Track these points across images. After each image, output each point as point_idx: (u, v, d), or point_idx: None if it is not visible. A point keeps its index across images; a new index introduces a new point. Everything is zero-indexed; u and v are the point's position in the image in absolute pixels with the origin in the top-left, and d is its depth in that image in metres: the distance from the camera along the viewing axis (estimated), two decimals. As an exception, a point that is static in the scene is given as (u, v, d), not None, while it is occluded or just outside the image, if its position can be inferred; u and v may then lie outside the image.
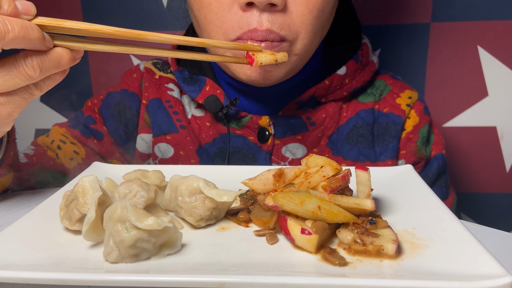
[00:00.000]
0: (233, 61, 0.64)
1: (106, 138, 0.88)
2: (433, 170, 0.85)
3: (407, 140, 0.85)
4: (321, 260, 0.46)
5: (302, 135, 0.83)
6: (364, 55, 0.85)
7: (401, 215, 0.56)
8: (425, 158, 0.86)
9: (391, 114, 0.85)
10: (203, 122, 0.86)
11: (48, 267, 0.44)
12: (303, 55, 0.74)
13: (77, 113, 0.91)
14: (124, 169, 0.66)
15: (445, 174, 0.88)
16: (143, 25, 1.14)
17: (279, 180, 0.54)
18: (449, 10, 1.08)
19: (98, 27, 0.52)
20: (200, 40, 0.61)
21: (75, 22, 0.52)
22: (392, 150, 0.85)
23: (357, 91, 0.86)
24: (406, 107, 0.86)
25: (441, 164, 0.86)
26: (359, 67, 0.84)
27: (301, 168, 0.56)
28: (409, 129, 0.85)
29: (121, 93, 0.90)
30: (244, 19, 0.68)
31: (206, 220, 0.54)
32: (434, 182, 0.86)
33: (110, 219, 0.46)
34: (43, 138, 0.87)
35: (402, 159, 0.85)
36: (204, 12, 0.71)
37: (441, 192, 0.86)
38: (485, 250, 0.44)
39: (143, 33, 0.54)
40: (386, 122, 0.85)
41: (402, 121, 0.85)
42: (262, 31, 0.67)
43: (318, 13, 0.70)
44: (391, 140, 0.85)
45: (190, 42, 0.59)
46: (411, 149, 0.85)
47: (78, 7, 1.14)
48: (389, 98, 0.87)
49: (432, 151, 0.87)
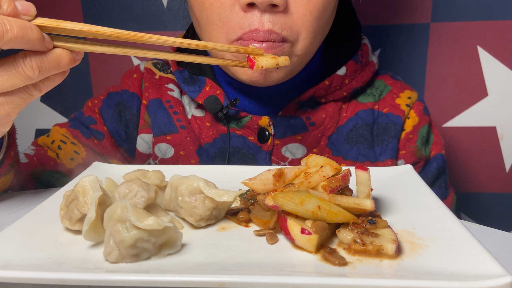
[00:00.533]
0: (234, 65, 0.64)
1: (107, 138, 0.88)
2: (432, 170, 0.85)
3: (407, 140, 0.85)
4: (321, 260, 0.46)
5: (302, 135, 0.83)
6: (364, 56, 0.85)
7: (401, 215, 0.56)
8: (424, 158, 0.86)
9: (390, 114, 0.86)
10: (203, 122, 0.86)
11: (48, 267, 0.44)
12: (304, 56, 0.74)
13: (78, 113, 0.91)
14: (124, 169, 0.66)
15: (444, 174, 0.88)
16: (143, 25, 1.14)
17: (279, 180, 0.54)
18: (449, 10, 1.08)
19: (98, 28, 0.52)
20: (200, 43, 0.61)
21: (75, 23, 0.51)
22: (391, 150, 0.85)
23: (357, 91, 0.86)
24: (406, 107, 0.86)
25: (441, 164, 0.86)
26: (359, 67, 0.84)
27: (301, 168, 0.56)
28: (409, 129, 0.86)
29: (121, 93, 0.90)
30: (245, 20, 0.68)
31: (206, 220, 0.54)
32: (434, 182, 0.86)
33: (110, 219, 0.46)
34: (43, 138, 0.87)
35: (401, 159, 0.85)
36: (205, 12, 0.71)
37: (440, 192, 0.86)
38: (485, 250, 0.44)
39: (143, 35, 0.54)
40: (386, 122, 0.85)
41: (401, 121, 0.85)
42: (264, 32, 0.67)
43: (318, 14, 0.70)
44: (391, 140, 0.85)
45: (191, 44, 0.59)
46: (410, 149, 0.85)
47: (78, 7, 1.14)
48: (388, 98, 0.87)
49: (431, 151, 0.87)
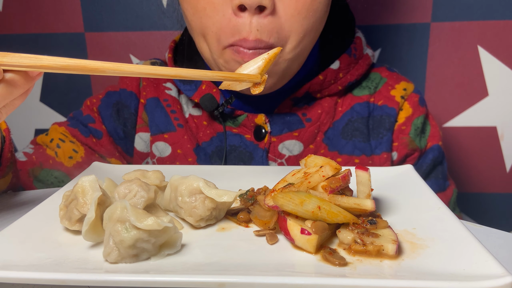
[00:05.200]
0: (234, 80, 0.57)
1: (105, 137, 0.89)
2: (428, 162, 0.85)
3: (399, 132, 0.85)
4: (321, 260, 0.46)
5: (298, 131, 0.83)
6: (358, 49, 0.85)
7: (401, 215, 0.56)
8: (419, 150, 0.85)
9: (385, 106, 0.85)
10: (200, 121, 0.86)
11: (48, 267, 0.43)
12: (294, 59, 0.75)
13: (76, 112, 0.91)
14: (124, 169, 0.66)
15: (441, 165, 0.87)
16: (143, 25, 1.15)
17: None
18: (449, 10, 1.08)
19: (43, 61, 0.47)
20: (196, 72, 0.53)
21: (16, 55, 0.47)
22: (386, 143, 0.84)
23: (352, 84, 0.86)
24: (400, 99, 0.85)
25: (437, 155, 0.85)
26: (353, 60, 0.84)
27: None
28: (401, 121, 0.85)
29: (119, 93, 0.90)
30: (236, 27, 0.69)
31: (206, 220, 0.54)
32: (429, 173, 0.85)
33: (110, 219, 0.46)
34: (42, 137, 0.88)
35: (394, 151, 0.85)
36: (198, 16, 0.72)
37: (437, 184, 0.85)
38: (485, 250, 0.44)
39: (99, 66, 0.48)
40: (381, 115, 0.85)
41: (395, 113, 0.85)
42: (252, 41, 0.69)
43: (308, 13, 0.70)
44: (386, 133, 0.84)
45: (164, 75, 0.51)
46: (403, 141, 0.84)
47: (78, 7, 1.14)
48: (384, 91, 0.86)
49: (428, 143, 0.86)
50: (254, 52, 0.70)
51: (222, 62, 0.74)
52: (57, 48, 1.16)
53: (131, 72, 0.49)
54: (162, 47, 1.15)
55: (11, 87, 0.49)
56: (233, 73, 0.54)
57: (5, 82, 0.49)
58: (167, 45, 0.91)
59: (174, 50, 0.89)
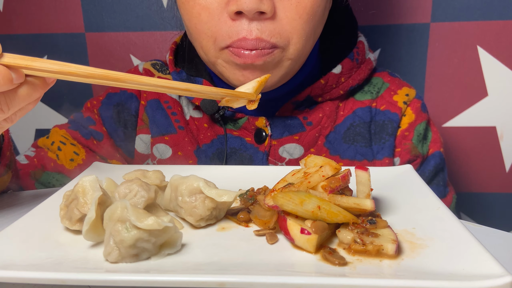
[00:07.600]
0: (233, 97, 0.60)
1: (106, 139, 0.88)
2: (430, 168, 0.85)
3: (402, 137, 0.85)
4: (321, 260, 0.46)
5: (299, 135, 0.83)
6: (360, 53, 0.85)
7: (401, 215, 0.56)
8: (421, 156, 0.85)
9: (387, 111, 0.85)
10: (201, 124, 0.86)
11: (48, 267, 0.44)
12: (297, 59, 0.74)
13: (77, 115, 0.91)
14: (124, 169, 0.66)
15: (442, 172, 0.87)
16: (143, 25, 1.15)
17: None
18: (449, 10, 1.08)
19: (71, 68, 0.49)
20: (185, 86, 0.54)
21: (45, 61, 0.49)
22: (389, 148, 0.84)
23: (354, 89, 0.86)
24: (403, 104, 0.85)
25: (438, 162, 0.86)
26: (355, 65, 0.84)
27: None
28: (404, 127, 0.85)
29: (120, 94, 0.90)
30: (234, 29, 0.68)
31: (206, 220, 0.54)
32: (431, 180, 0.85)
33: (110, 219, 0.46)
34: (43, 140, 0.88)
35: (397, 157, 0.85)
36: (194, 22, 0.72)
37: (438, 191, 0.85)
38: (484, 250, 0.44)
39: (121, 76, 0.50)
40: (383, 120, 0.85)
41: (398, 118, 0.85)
42: (252, 40, 0.67)
43: (308, 17, 0.70)
44: (388, 138, 0.84)
45: (177, 89, 0.54)
46: (406, 146, 0.84)
47: (78, 7, 1.14)
48: (386, 96, 0.86)
49: (429, 149, 0.87)
50: (255, 53, 0.68)
51: (221, 62, 0.74)
52: (57, 48, 1.16)
53: (148, 84, 0.51)
54: (162, 47, 1.15)
55: (31, 90, 0.50)
56: (232, 91, 0.58)
57: (27, 85, 0.50)
58: (168, 46, 0.91)
59: (175, 52, 0.89)
